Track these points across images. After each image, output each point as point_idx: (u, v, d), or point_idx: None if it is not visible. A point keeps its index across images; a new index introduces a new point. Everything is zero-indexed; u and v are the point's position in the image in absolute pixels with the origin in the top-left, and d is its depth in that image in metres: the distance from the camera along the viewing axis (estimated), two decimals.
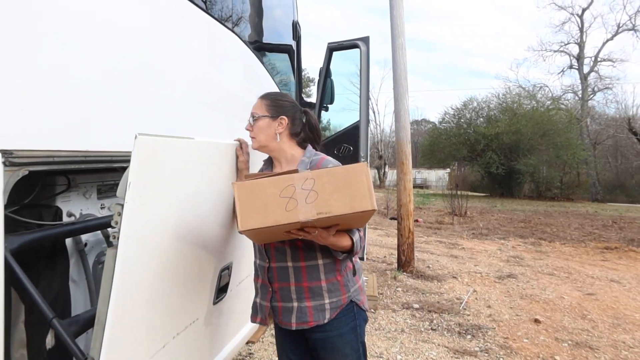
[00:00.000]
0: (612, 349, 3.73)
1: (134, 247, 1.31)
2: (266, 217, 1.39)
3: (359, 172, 1.46)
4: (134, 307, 1.37)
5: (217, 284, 1.95)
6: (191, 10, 2.25)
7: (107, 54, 1.63)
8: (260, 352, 3.40)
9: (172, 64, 2.16)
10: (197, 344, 1.92)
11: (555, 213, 16.64)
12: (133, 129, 1.77)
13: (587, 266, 7.16)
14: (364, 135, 5.05)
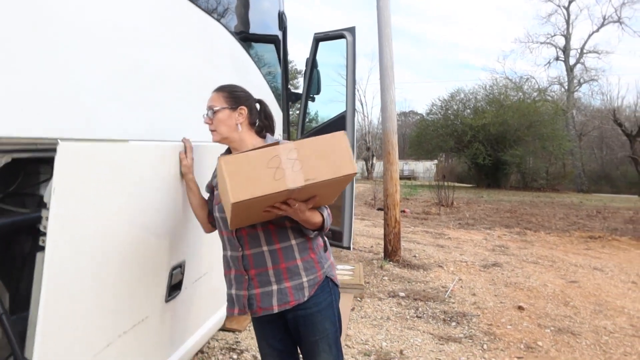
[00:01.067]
0: (593, 334, 3.80)
1: (62, 251, 1.31)
2: (256, 188, 1.41)
3: (339, 139, 1.54)
4: (67, 308, 1.36)
5: (168, 282, 1.95)
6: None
7: (91, 44, 1.61)
8: (247, 341, 3.41)
9: (154, 54, 2.14)
10: (151, 342, 1.93)
11: (540, 203, 16.83)
12: (114, 118, 1.78)
13: (571, 255, 7.27)
14: (350, 125, 5.06)
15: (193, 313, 2.39)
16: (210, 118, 1.79)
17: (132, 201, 1.67)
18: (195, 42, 2.60)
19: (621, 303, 4.63)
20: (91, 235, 1.45)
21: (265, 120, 1.89)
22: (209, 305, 2.66)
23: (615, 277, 5.75)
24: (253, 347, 3.30)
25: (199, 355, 3.14)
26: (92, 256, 1.46)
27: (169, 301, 2.00)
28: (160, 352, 2.04)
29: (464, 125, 26.74)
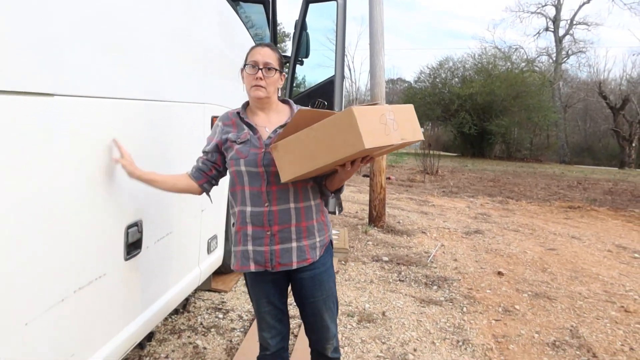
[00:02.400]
0: (568, 299, 3.93)
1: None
2: (375, 139, 1.54)
3: (412, 109, 1.86)
4: (11, 260, 1.40)
5: (125, 240, 1.98)
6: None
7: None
8: (232, 301, 3.47)
9: (140, 10, 2.10)
10: (114, 300, 1.97)
11: (523, 173, 17.07)
12: (99, 79, 1.75)
13: (551, 224, 7.43)
14: (339, 90, 5.03)
15: (162, 272, 2.42)
16: (264, 75, 1.79)
17: (74, 158, 1.66)
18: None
19: (596, 270, 4.78)
20: (31, 190, 1.45)
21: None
22: (181, 265, 2.69)
23: (592, 245, 5.91)
24: (238, 307, 3.37)
25: (185, 314, 3.20)
26: (32, 210, 1.47)
27: (129, 259, 2.04)
28: (127, 310, 2.09)
29: (452, 94, 26.70)
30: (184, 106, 2.58)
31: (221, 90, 3.25)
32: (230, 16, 3.40)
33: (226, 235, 3.59)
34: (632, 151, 24.82)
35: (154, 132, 2.23)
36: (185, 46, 2.59)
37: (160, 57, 2.27)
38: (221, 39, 3.23)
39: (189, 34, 2.62)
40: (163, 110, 2.31)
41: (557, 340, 3.16)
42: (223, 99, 3.29)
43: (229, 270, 3.86)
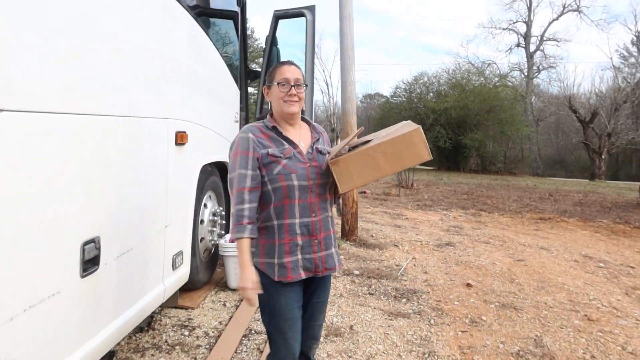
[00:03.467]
0: (534, 309, 4.00)
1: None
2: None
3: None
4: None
5: (80, 257, 1.97)
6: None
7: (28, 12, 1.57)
8: (199, 318, 3.43)
9: (105, 29, 2.10)
10: (67, 318, 1.94)
11: (497, 186, 17.33)
12: (49, 94, 1.74)
13: (521, 235, 7.56)
14: (309, 104, 5.07)
15: (122, 290, 2.39)
16: (296, 91, 1.95)
17: (23, 173, 1.65)
18: (141, 12, 2.55)
19: (562, 280, 4.87)
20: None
21: None
22: (143, 282, 2.66)
23: (560, 256, 6.03)
24: (205, 324, 3.33)
25: (150, 332, 3.15)
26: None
27: (86, 277, 2.02)
28: (83, 328, 2.06)
29: (427, 108, 27.09)
30: (143, 121, 2.57)
31: (188, 105, 3.25)
32: (194, 30, 3.41)
33: (193, 251, 3.56)
34: (601, 163, 25.45)
35: (108, 148, 2.21)
36: (145, 61, 2.59)
37: (117, 71, 2.26)
38: (185, 53, 3.24)
39: (148, 47, 2.62)
40: (119, 125, 2.30)
41: (521, 350, 3.20)
42: (191, 114, 3.29)
43: (197, 286, 3.84)
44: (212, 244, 4.01)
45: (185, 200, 3.27)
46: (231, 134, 4.49)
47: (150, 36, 2.64)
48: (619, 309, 4.08)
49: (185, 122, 3.17)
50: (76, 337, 2.03)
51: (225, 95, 4.31)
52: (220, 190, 4.27)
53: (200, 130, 3.51)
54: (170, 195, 2.96)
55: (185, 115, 3.19)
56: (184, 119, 3.16)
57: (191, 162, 3.34)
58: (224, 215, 4.32)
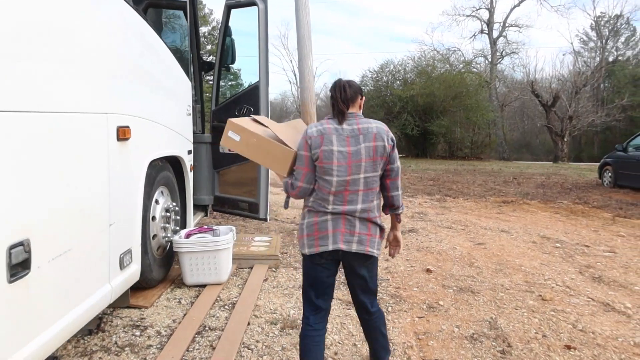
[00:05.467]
0: (490, 292, 4.05)
1: None
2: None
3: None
4: None
5: (7, 261, 1.88)
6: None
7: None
8: (152, 317, 3.35)
9: (28, 17, 1.98)
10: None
11: (463, 171, 17.58)
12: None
13: (483, 219, 7.67)
14: (264, 96, 5.00)
15: (60, 293, 2.30)
16: None
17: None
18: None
19: (520, 262, 4.96)
20: None
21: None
22: (85, 284, 2.57)
23: (519, 238, 6.14)
24: (158, 323, 3.26)
25: (100, 334, 3.06)
26: None
27: (14, 282, 1.92)
28: (14, 336, 1.97)
29: (394, 96, 27.22)
30: (78, 117, 2.46)
31: (131, 99, 3.14)
32: (135, 20, 3.29)
33: (144, 249, 3.47)
34: (564, 146, 26.09)
35: (38, 146, 2.10)
36: (78, 53, 2.48)
37: (46, 66, 2.15)
38: (127, 45, 3.12)
39: (81, 38, 2.50)
40: (50, 121, 2.19)
41: (476, 332, 3.24)
42: (135, 108, 3.19)
43: (152, 284, 3.76)
44: (166, 240, 3.91)
45: (131, 197, 3.17)
46: (184, 127, 4.38)
47: (84, 27, 2.52)
48: (572, 288, 4.17)
49: (128, 117, 3.06)
50: (7, 344, 1.93)
51: (175, 88, 4.20)
52: (174, 185, 4.17)
53: (146, 124, 3.40)
54: (114, 192, 2.86)
55: (128, 110, 3.08)
56: (127, 114, 3.06)
57: (137, 157, 3.24)
58: (179, 211, 4.23)
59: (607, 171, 12.55)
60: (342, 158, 2.21)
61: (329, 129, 2.25)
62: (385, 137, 2.28)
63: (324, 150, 2.20)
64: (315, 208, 2.27)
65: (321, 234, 2.25)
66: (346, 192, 2.23)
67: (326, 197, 2.24)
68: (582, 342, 3.12)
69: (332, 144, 2.21)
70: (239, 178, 5.37)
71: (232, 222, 6.65)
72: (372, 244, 2.29)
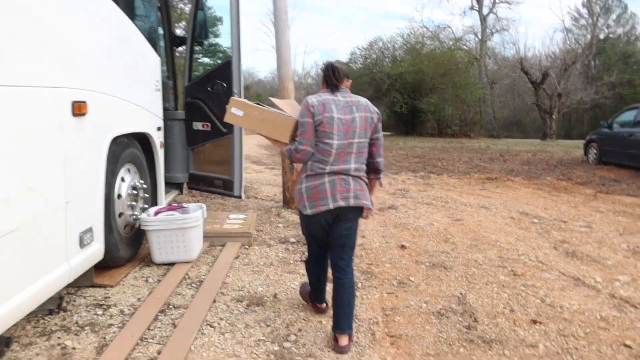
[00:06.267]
0: (463, 267, 4.04)
1: None
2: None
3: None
4: None
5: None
6: None
7: None
8: (117, 296, 3.30)
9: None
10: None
11: (451, 149, 17.58)
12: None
13: (465, 195, 7.66)
14: (237, 71, 4.89)
15: (8, 273, 2.24)
16: None
17: None
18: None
19: (496, 237, 4.95)
20: None
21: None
22: (37, 264, 2.50)
23: (498, 214, 6.14)
24: (122, 302, 3.21)
25: (61, 314, 3.01)
26: None
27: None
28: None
29: (383, 74, 27.01)
30: (25, 90, 2.36)
31: (88, 73, 3.03)
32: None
33: (109, 227, 3.41)
34: (552, 123, 26.13)
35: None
36: (28, 22, 2.36)
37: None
38: (83, 17, 3.00)
39: (30, 9, 2.38)
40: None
41: (443, 308, 3.22)
42: (93, 82, 3.08)
43: (119, 263, 3.70)
44: (133, 219, 3.84)
45: (90, 175, 3.08)
46: (152, 103, 4.28)
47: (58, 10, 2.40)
48: (544, 263, 4.17)
49: (84, 91, 2.96)
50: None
51: (140, 63, 4.08)
52: (142, 162, 4.08)
53: (106, 99, 3.30)
54: (70, 170, 2.78)
55: (85, 84, 2.98)
56: (83, 88, 2.95)
57: (96, 134, 3.14)
58: (148, 189, 4.15)
59: (592, 148, 12.57)
60: (341, 124, 2.58)
61: (327, 99, 2.63)
62: (372, 110, 2.71)
63: (327, 116, 2.56)
64: (314, 171, 2.61)
65: (321, 195, 2.60)
66: (342, 153, 2.60)
67: (326, 159, 2.59)
68: (549, 316, 3.11)
69: (332, 111, 2.58)
70: (214, 155, 5.28)
71: (211, 200, 6.59)
72: (365, 198, 2.67)
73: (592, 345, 2.76)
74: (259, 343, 2.69)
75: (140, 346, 2.64)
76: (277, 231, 5.11)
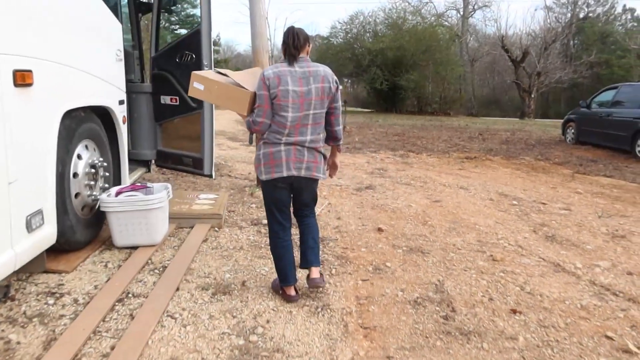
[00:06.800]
0: (441, 252, 3.90)
1: None
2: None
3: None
4: None
5: None
6: None
7: None
8: (72, 283, 3.06)
9: None
10: None
11: (430, 127, 17.46)
12: None
13: (444, 175, 7.53)
14: (207, 41, 4.58)
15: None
16: None
17: None
18: None
19: (475, 220, 4.82)
20: None
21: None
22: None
23: (477, 195, 6.02)
24: (77, 289, 2.98)
25: (8, 303, 2.76)
26: None
27: None
28: None
29: (363, 49, 26.57)
30: None
31: (34, 39, 2.73)
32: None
33: (63, 208, 3.15)
34: (531, 102, 26.21)
35: None
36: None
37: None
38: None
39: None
40: None
41: (420, 296, 3.07)
42: (40, 49, 2.79)
43: (76, 246, 3.44)
44: (92, 199, 3.58)
45: (39, 152, 2.80)
46: (113, 75, 3.97)
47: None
48: (524, 247, 4.06)
49: (29, 59, 2.67)
50: None
51: (99, 31, 3.75)
52: (102, 138, 3.80)
53: (57, 68, 3.00)
54: (12, 147, 2.51)
55: (30, 51, 2.68)
56: (28, 55, 2.66)
57: (44, 107, 2.85)
58: (109, 167, 3.88)
59: (570, 128, 12.58)
60: (296, 96, 2.61)
61: (283, 70, 2.62)
62: (330, 80, 2.72)
63: (281, 89, 2.59)
64: (270, 140, 2.68)
65: (276, 162, 2.69)
66: (297, 125, 2.65)
67: (281, 131, 2.65)
68: (529, 305, 2.99)
69: (287, 84, 2.60)
70: (183, 131, 5.00)
71: (182, 179, 6.32)
72: (317, 170, 2.80)
73: (573, 337, 2.64)
74: (223, 337, 2.50)
75: (93, 340, 2.42)
76: (249, 212, 4.89)
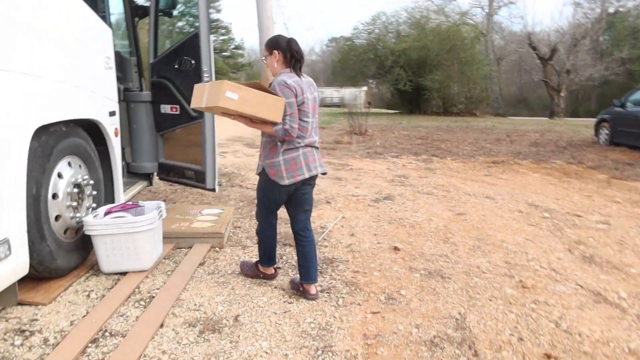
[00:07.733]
0: (464, 276, 3.47)
1: None
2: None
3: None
4: None
5: None
6: None
7: None
8: (48, 317, 2.75)
9: None
10: None
11: (456, 128, 16.88)
12: None
13: (469, 182, 7.05)
14: (206, 46, 4.25)
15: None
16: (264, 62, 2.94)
17: None
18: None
19: (502, 236, 4.36)
20: None
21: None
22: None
23: (504, 206, 5.54)
24: (52, 326, 2.67)
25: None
26: None
27: None
28: None
29: (386, 49, 26.06)
30: None
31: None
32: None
33: (40, 234, 2.85)
34: (560, 101, 25.31)
35: None
36: None
37: None
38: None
39: None
40: None
41: (438, 335, 2.66)
42: (8, 60, 2.49)
43: (58, 274, 3.14)
44: (76, 221, 3.27)
45: (3, 173, 2.50)
46: (100, 84, 3.67)
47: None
48: (558, 271, 3.59)
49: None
50: None
51: (82, 37, 3.45)
52: (90, 154, 3.50)
53: (25, 80, 2.70)
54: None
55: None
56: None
57: (11, 123, 2.55)
58: (98, 184, 3.58)
59: (603, 128, 11.89)
60: (312, 103, 2.90)
61: (297, 80, 2.84)
62: (316, 89, 3.04)
63: (306, 97, 2.84)
64: (294, 145, 2.85)
65: (297, 166, 2.87)
66: (312, 129, 2.94)
67: (304, 135, 2.88)
68: (566, 348, 2.55)
69: (305, 92, 2.84)
70: (185, 143, 4.68)
71: (190, 190, 6.03)
72: (322, 165, 3.05)
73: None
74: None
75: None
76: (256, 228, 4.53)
